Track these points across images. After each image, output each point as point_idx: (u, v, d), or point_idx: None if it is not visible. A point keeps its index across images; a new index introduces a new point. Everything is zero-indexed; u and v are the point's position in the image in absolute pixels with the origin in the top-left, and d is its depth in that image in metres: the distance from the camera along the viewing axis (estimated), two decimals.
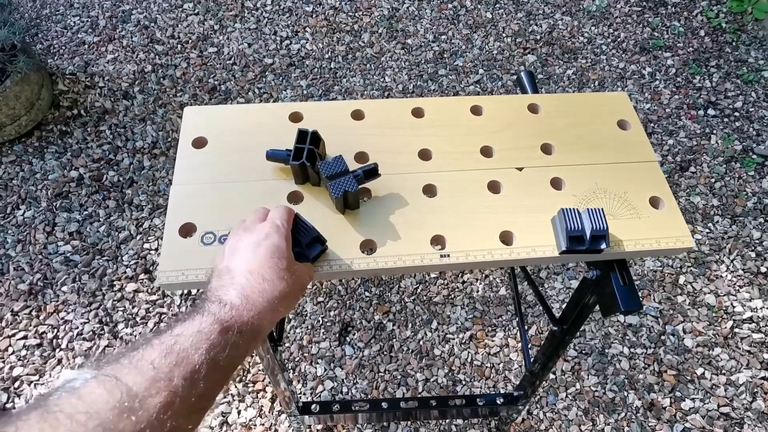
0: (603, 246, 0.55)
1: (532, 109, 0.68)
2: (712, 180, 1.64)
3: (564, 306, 0.75)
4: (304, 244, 0.49)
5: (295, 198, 0.58)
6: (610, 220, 0.59)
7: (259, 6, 2.03)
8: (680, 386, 1.31)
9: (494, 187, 0.61)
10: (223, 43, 1.90)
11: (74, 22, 1.95)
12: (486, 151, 0.63)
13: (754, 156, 1.70)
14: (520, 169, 0.62)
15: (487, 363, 1.33)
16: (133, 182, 1.56)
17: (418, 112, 0.66)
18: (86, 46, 1.88)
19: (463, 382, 1.30)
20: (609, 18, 2.08)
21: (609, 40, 2.01)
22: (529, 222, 0.58)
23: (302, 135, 0.56)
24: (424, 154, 0.63)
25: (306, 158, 0.55)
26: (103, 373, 0.30)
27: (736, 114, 1.81)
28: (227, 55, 1.87)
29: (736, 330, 1.38)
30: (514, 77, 1.87)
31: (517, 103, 0.68)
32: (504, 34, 2.01)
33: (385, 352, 1.34)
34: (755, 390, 1.31)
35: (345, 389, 1.29)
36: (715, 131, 1.76)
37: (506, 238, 0.57)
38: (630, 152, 0.65)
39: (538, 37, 2.00)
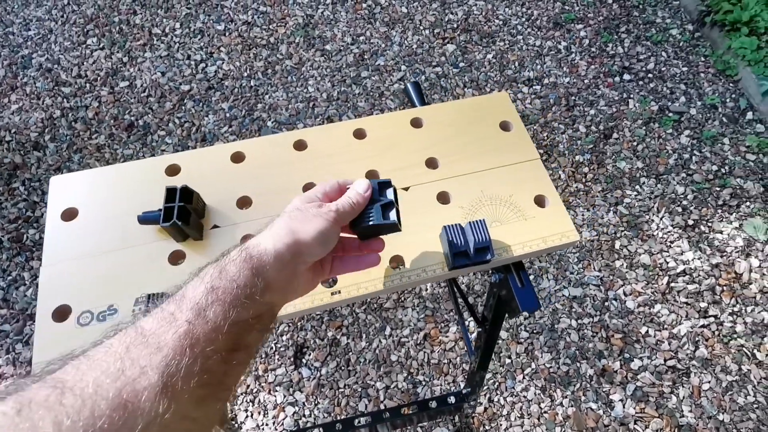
0: (488, 257, 0.55)
1: (416, 123, 0.68)
2: (635, 143, 1.71)
3: None
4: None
5: (176, 257, 0.56)
6: (497, 226, 0.59)
7: (168, 31, 1.96)
8: (628, 348, 1.36)
9: None
10: (134, 76, 1.82)
11: None
12: (371, 176, 0.63)
13: (671, 114, 1.78)
14: (407, 189, 0.62)
15: (444, 359, 1.35)
16: None
17: (300, 145, 0.65)
18: None
19: (423, 383, 1.32)
20: None
21: (523, 19, 2.04)
22: (419, 242, 0.58)
23: (171, 193, 0.54)
24: (309, 188, 0.62)
25: (177, 217, 0.53)
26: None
27: (650, 76, 1.88)
28: (141, 88, 1.79)
29: (673, 284, 1.45)
30: (438, 69, 1.88)
31: (400, 120, 0.68)
32: (421, 27, 2.01)
33: (342, 368, 1.34)
34: (697, 339, 1.38)
35: (307, 412, 1.28)
36: (632, 95, 1.82)
37: (397, 262, 0.57)
38: (513, 153, 0.66)
39: (455, 26, 2.02)
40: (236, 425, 1.26)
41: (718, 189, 1.61)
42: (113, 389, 0.26)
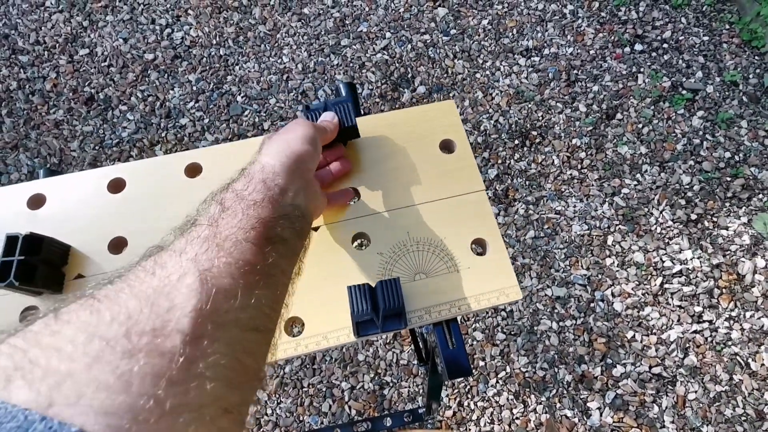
0: (401, 325, 0.45)
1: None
2: (640, 125, 1.54)
3: None
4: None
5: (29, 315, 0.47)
6: (421, 279, 0.49)
7: None
8: (611, 353, 1.28)
9: None
10: (95, 42, 1.68)
11: None
12: None
13: (684, 92, 1.59)
14: (316, 229, 0.51)
15: (414, 360, 1.28)
16: None
17: (193, 170, 0.54)
18: None
19: (391, 384, 1.26)
20: None
21: None
22: (323, 299, 0.48)
23: (11, 242, 0.44)
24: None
25: (15, 275, 0.43)
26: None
27: (665, 46, 1.67)
28: (101, 56, 1.66)
29: (666, 286, 1.34)
30: (426, 37, 1.70)
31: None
32: None
33: (307, 366, 1.28)
34: (687, 345, 1.28)
35: (269, 411, 1.24)
36: (642, 69, 1.63)
37: (294, 326, 0.47)
38: (453, 183, 0.54)
39: None
40: None
41: (728, 179, 1.46)
42: (151, 286, 0.24)
